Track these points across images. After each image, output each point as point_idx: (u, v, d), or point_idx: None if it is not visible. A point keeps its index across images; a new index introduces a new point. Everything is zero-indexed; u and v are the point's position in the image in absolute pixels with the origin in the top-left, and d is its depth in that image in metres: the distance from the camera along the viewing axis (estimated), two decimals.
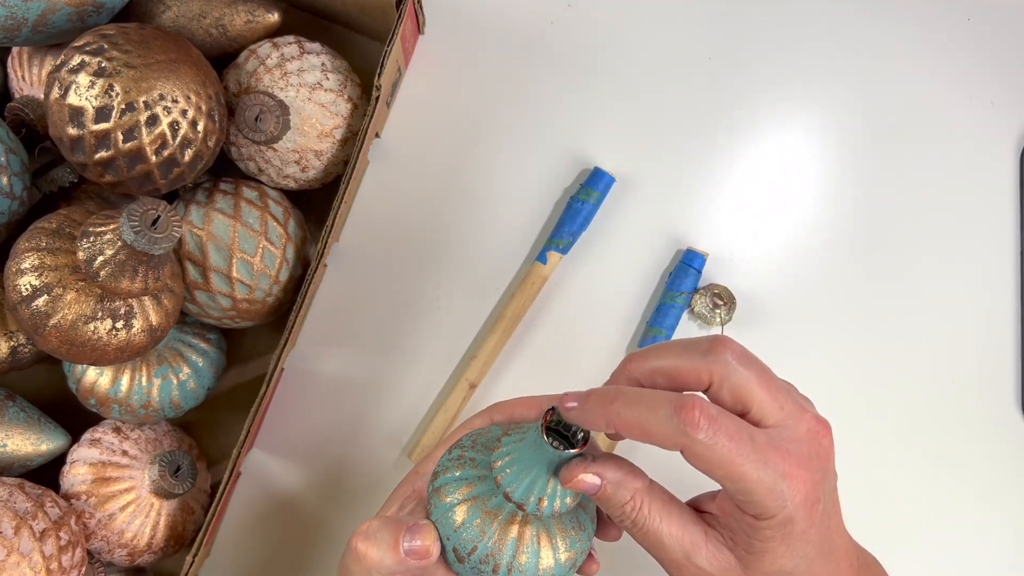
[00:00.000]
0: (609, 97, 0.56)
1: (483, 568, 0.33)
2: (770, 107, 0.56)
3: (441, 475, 0.35)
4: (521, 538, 0.33)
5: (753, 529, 0.34)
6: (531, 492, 0.33)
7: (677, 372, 0.34)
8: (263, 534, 0.52)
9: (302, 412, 0.53)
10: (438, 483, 0.35)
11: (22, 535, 0.41)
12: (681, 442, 0.32)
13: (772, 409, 0.34)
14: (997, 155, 0.56)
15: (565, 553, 0.34)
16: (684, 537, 0.35)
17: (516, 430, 0.35)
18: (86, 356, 0.42)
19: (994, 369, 0.54)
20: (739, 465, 0.32)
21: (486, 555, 0.33)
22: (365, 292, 0.54)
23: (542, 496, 0.33)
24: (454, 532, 0.34)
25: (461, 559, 0.34)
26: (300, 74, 0.48)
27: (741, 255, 0.55)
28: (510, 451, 0.34)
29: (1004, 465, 0.54)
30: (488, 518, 0.33)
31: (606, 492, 0.34)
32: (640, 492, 0.35)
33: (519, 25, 0.57)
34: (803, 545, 0.34)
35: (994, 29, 0.57)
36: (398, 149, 0.56)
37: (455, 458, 0.36)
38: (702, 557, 0.35)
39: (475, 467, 0.35)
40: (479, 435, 0.37)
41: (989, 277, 0.55)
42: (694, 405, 0.32)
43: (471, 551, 0.33)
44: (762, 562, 0.34)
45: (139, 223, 0.39)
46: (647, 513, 0.35)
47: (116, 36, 0.42)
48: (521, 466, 0.33)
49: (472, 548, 0.33)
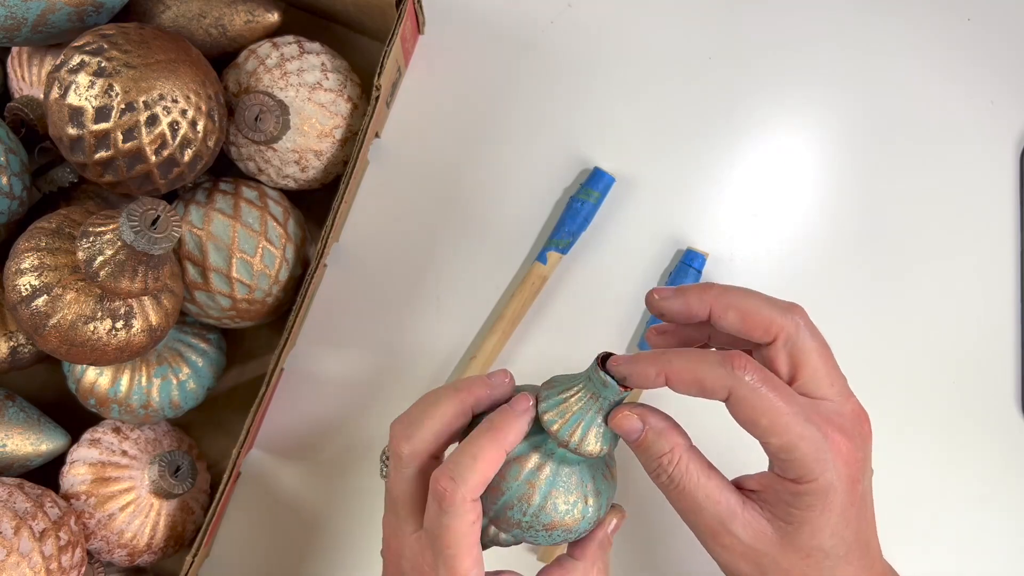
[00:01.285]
0: (609, 97, 0.56)
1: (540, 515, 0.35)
2: (770, 107, 0.56)
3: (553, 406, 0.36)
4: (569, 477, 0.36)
5: (793, 496, 0.33)
6: (586, 434, 0.34)
7: (752, 314, 0.34)
8: (263, 534, 0.52)
9: (302, 412, 0.53)
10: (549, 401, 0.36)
11: (22, 535, 0.41)
12: (729, 384, 0.33)
13: (824, 382, 0.35)
14: (997, 155, 0.56)
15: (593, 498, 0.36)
16: (721, 502, 0.34)
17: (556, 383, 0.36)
18: (86, 356, 0.42)
19: (994, 369, 0.54)
20: (783, 415, 0.32)
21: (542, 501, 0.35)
22: (365, 292, 0.54)
23: (584, 433, 0.34)
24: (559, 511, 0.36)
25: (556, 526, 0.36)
26: (300, 74, 0.48)
27: (741, 255, 0.55)
28: (559, 400, 0.35)
29: (1004, 465, 0.53)
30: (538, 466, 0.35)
31: (647, 439, 0.35)
32: (680, 448, 0.35)
33: (519, 25, 0.57)
34: (842, 525, 0.34)
35: (994, 29, 0.57)
36: (398, 149, 0.56)
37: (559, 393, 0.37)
38: (738, 524, 0.34)
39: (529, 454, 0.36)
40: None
41: (989, 277, 0.55)
42: (741, 355, 0.33)
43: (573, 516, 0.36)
44: (800, 534, 0.34)
45: (139, 223, 0.39)
46: (684, 470, 0.35)
47: (116, 36, 0.42)
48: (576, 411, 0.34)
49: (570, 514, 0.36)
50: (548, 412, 0.35)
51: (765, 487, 0.35)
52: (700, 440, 0.36)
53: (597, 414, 0.34)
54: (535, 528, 0.36)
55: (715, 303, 0.35)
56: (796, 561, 0.34)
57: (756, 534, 0.34)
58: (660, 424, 0.35)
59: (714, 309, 0.35)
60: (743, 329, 0.35)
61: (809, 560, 0.34)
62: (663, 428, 0.35)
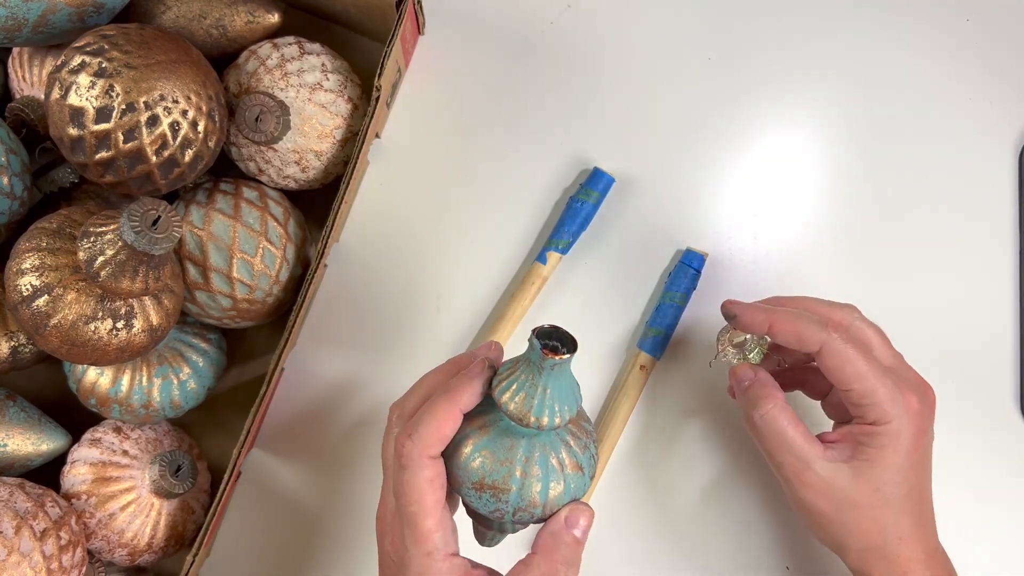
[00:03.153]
0: (609, 97, 0.56)
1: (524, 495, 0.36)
2: (770, 107, 0.56)
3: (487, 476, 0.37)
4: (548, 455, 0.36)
5: (869, 436, 0.41)
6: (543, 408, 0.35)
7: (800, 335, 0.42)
8: (263, 534, 0.53)
9: (302, 412, 0.53)
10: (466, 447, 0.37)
11: (22, 535, 0.41)
12: (822, 339, 0.41)
13: (887, 355, 0.43)
14: (997, 155, 0.56)
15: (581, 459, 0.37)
16: (807, 445, 0.42)
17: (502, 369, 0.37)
18: (86, 356, 0.42)
19: (994, 369, 0.54)
20: (866, 369, 0.41)
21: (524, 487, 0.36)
22: (365, 292, 0.54)
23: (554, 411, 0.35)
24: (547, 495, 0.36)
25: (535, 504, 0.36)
26: (300, 74, 0.48)
27: (740, 255, 0.55)
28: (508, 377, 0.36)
29: (1003, 465, 0.54)
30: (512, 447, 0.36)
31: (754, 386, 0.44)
32: (779, 398, 0.43)
33: (519, 25, 0.57)
34: (906, 468, 0.41)
35: (994, 29, 0.57)
36: (398, 149, 0.56)
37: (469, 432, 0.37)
38: (819, 463, 0.42)
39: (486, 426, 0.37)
40: None
41: (988, 277, 0.55)
42: (836, 317, 0.42)
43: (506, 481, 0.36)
44: (873, 469, 0.41)
45: (139, 223, 0.39)
46: (775, 414, 0.43)
47: (116, 36, 0.42)
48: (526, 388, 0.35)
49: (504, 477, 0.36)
50: (511, 404, 0.35)
51: (843, 436, 0.43)
52: None
53: (538, 386, 0.35)
54: (467, 486, 0.36)
55: (775, 321, 0.43)
56: (867, 494, 0.41)
57: (835, 471, 0.42)
58: (766, 377, 0.44)
59: (774, 327, 0.43)
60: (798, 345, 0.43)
61: (877, 495, 0.41)
62: (768, 380, 0.44)
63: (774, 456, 0.43)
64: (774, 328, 0.42)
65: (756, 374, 0.44)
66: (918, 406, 0.42)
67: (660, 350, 0.53)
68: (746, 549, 0.52)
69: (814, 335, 0.41)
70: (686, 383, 0.54)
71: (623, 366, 0.54)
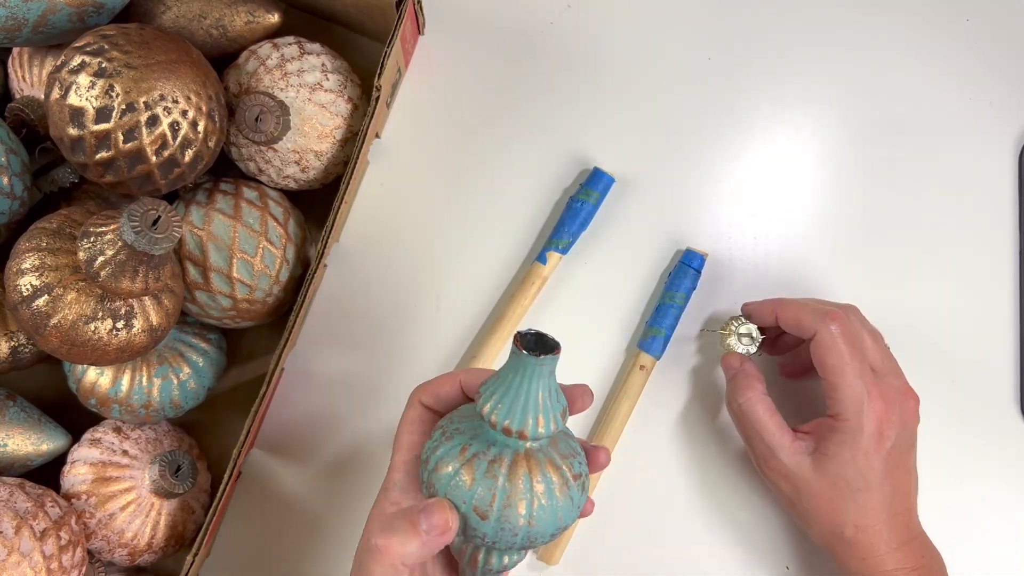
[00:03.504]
0: (609, 97, 0.56)
1: (508, 512, 0.34)
2: (769, 107, 0.56)
3: (431, 456, 0.36)
4: (531, 471, 0.34)
5: (831, 431, 0.45)
6: (527, 415, 0.34)
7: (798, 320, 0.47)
8: (263, 534, 0.53)
9: (302, 412, 0.53)
10: (432, 463, 0.35)
11: (22, 535, 0.41)
12: (817, 328, 0.45)
13: (877, 358, 0.47)
14: (996, 155, 0.56)
15: (571, 472, 0.35)
16: (777, 433, 0.46)
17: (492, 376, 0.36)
18: (86, 356, 0.42)
19: (993, 369, 0.54)
20: (845, 362, 0.45)
21: (507, 499, 0.34)
22: (365, 292, 0.54)
23: (538, 415, 0.34)
24: (468, 493, 0.34)
25: (485, 515, 0.34)
26: (300, 75, 0.48)
27: (740, 255, 0.55)
28: (494, 389, 0.34)
29: (1003, 465, 0.54)
30: (494, 466, 0.34)
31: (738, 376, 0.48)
32: (758, 390, 0.48)
33: (519, 25, 0.57)
34: (865, 465, 0.44)
35: (994, 29, 0.57)
36: (398, 149, 0.56)
37: (438, 437, 0.36)
38: (785, 453, 0.46)
39: (461, 433, 0.35)
40: (452, 416, 0.37)
41: (988, 277, 0.55)
42: (838, 313, 0.46)
43: (491, 502, 0.34)
44: (830, 463, 0.45)
45: (139, 223, 0.39)
46: (753, 404, 0.47)
47: (116, 36, 0.42)
48: (509, 394, 0.34)
49: (491, 499, 0.34)
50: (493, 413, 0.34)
51: (813, 428, 0.47)
52: None
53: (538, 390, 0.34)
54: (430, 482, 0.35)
55: (780, 311, 0.47)
56: (825, 486, 0.45)
57: (798, 461, 0.46)
58: (751, 368, 0.49)
59: (779, 315, 0.47)
60: (797, 331, 0.47)
61: (833, 488, 0.45)
62: (752, 371, 0.49)
63: (748, 440, 0.48)
64: (779, 315, 0.47)
65: (742, 364, 0.49)
66: (883, 411, 0.45)
67: (660, 350, 0.53)
68: (746, 549, 0.52)
69: (811, 323, 0.45)
70: (686, 383, 0.54)
71: (623, 366, 0.54)
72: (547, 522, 0.34)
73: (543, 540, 0.35)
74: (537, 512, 0.34)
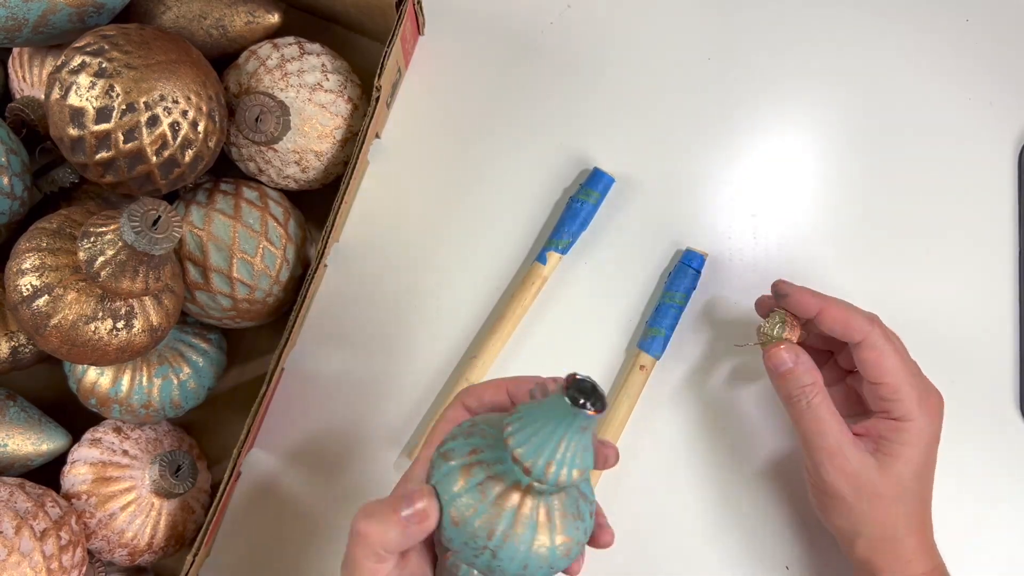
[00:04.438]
0: (609, 97, 0.56)
1: (477, 533, 0.32)
2: (769, 107, 0.56)
3: (449, 440, 0.35)
4: (520, 508, 0.32)
5: (894, 432, 0.44)
6: (540, 453, 0.31)
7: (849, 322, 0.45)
8: (263, 534, 0.53)
9: (302, 412, 0.53)
10: (444, 447, 0.34)
11: (23, 535, 0.41)
12: (868, 331, 0.44)
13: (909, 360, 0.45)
14: (996, 155, 0.56)
15: (560, 536, 0.33)
16: (842, 430, 0.44)
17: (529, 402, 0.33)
18: (87, 356, 0.42)
19: (993, 370, 0.54)
20: (902, 366, 0.44)
21: (483, 520, 0.32)
22: (365, 292, 0.54)
23: (551, 460, 0.31)
24: (453, 493, 0.33)
25: (456, 522, 0.33)
26: (300, 75, 0.48)
27: (740, 255, 0.55)
28: (523, 413, 0.32)
29: (1003, 465, 0.54)
30: (491, 483, 0.32)
31: (796, 371, 0.45)
32: (820, 382, 0.45)
33: (519, 25, 0.57)
34: (923, 465, 0.44)
35: (994, 29, 0.57)
36: (398, 149, 0.56)
37: (465, 427, 0.35)
38: (852, 450, 0.44)
39: (484, 436, 0.34)
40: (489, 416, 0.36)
41: (988, 277, 0.55)
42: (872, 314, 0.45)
43: (468, 514, 0.32)
44: (896, 463, 0.44)
45: (140, 223, 0.39)
46: (822, 399, 0.45)
47: (116, 37, 0.42)
48: (534, 426, 0.31)
49: (470, 511, 0.32)
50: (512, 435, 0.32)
51: (868, 430, 0.45)
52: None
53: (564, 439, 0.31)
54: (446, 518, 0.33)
55: (825, 308, 0.45)
56: (890, 486, 0.44)
57: (863, 460, 0.44)
58: (808, 361, 0.45)
59: (824, 313, 0.45)
60: (843, 333, 0.45)
61: (898, 488, 0.44)
62: (811, 364, 0.45)
63: (809, 438, 0.45)
64: (824, 313, 0.44)
65: (798, 356, 0.45)
66: (936, 409, 0.45)
67: (660, 350, 0.53)
68: (746, 548, 0.52)
69: (861, 325, 0.44)
70: (686, 383, 0.54)
71: (623, 366, 0.54)
72: (511, 563, 0.32)
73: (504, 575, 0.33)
74: (505, 549, 0.32)
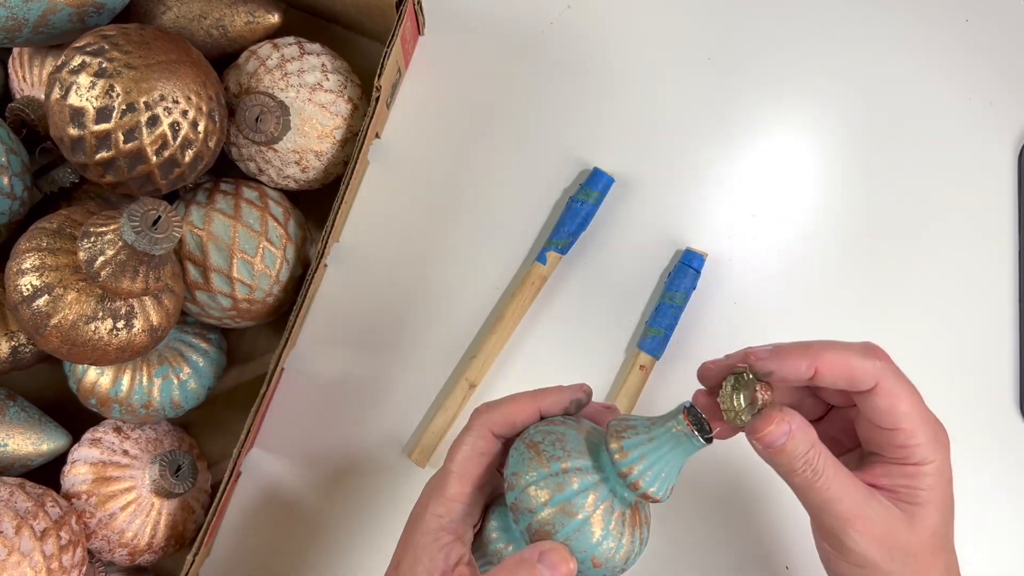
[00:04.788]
0: (608, 97, 0.56)
1: (616, 563, 0.34)
2: (769, 107, 0.57)
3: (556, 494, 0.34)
4: (639, 523, 0.35)
5: (915, 478, 0.36)
6: (667, 484, 0.34)
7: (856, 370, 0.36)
8: (263, 534, 0.53)
9: (302, 412, 0.53)
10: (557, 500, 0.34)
11: (23, 535, 0.41)
12: (877, 375, 0.36)
13: None
14: (996, 155, 0.56)
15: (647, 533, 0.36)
16: (856, 488, 0.36)
17: (632, 429, 0.34)
18: (87, 356, 0.42)
19: (993, 369, 0.54)
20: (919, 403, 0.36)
21: (622, 553, 0.34)
22: (365, 292, 0.54)
23: (670, 485, 0.34)
24: (593, 544, 0.34)
25: (599, 564, 0.34)
26: (300, 75, 0.48)
27: (740, 255, 0.55)
28: (643, 453, 0.34)
29: (1003, 465, 0.54)
30: (619, 520, 0.34)
31: (794, 439, 0.36)
32: (818, 443, 0.36)
33: (519, 26, 0.57)
34: (949, 510, 0.37)
35: (994, 29, 0.57)
36: (398, 149, 0.56)
37: (557, 472, 0.34)
38: (875, 509, 0.36)
39: (584, 473, 0.34)
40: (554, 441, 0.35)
41: (988, 277, 0.55)
42: (878, 347, 0.37)
43: (611, 554, 0.34)
44: (925, 513, 0.36)
45: (140, 223, 0.39)
46: (823, 464, 0.36)
47: (117, 37, 0.42)
48: (662, 464, 0.34)
49: (611, 551, 0.34)
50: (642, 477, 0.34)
51: (882, 480, 0.37)
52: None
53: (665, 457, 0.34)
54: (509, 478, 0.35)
55: (821, 364, 0.36)
56: (924, 540, 0.36)
57: (889, 518, 0.36)
58: (800, 421, 0.36)
59: (821, 369, 0.36)
60: (849, 384, 0.36)
61: (934, 539, 0.37)
62: (803, 424, 0.36)
63: (825, 507, 0.37)
64: (822, 371, 0.36)
65: (791, 424, 0.36)
66: (947, 442, 0.38)
67: (660, 350, 0.53)
68: (745, 549, 0.52)
69: (868, 369, 0.36)
70: (686, 383, 0.54)
71: (623, 366, 0.54)
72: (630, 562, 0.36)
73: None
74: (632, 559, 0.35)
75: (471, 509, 0.36)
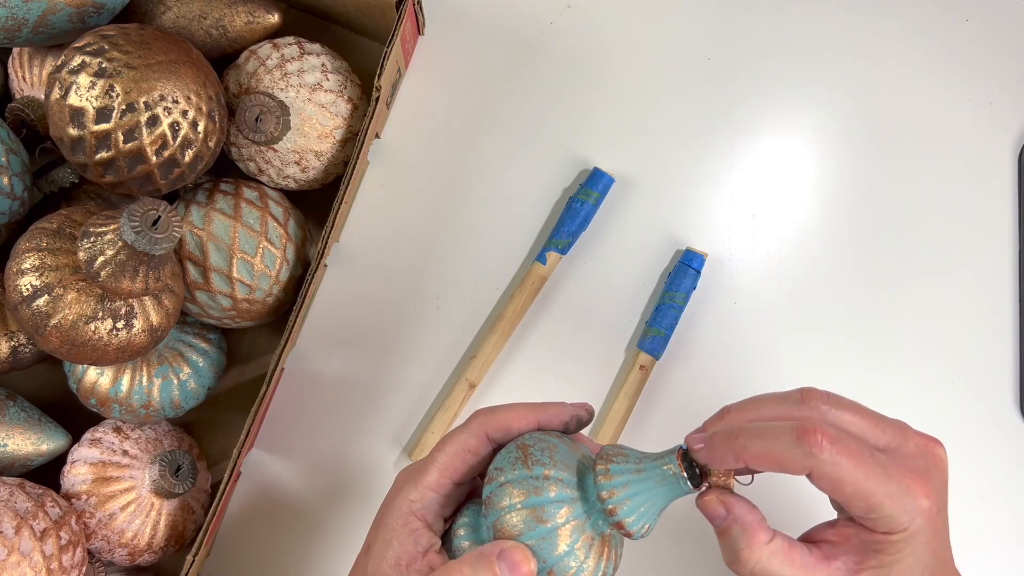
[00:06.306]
0: (608, 97, 0.56)
1: None
2: (769, 108, 0.57)
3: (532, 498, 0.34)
4: (606, 556, 0.35)
5: (884, 545, 0.34)
6: (646, 522, 0.34)
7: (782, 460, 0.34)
8: (263, 534, 0.53)
9: (302, 412, 0.53)
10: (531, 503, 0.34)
11: (22, 535, 0.41)
12: (808, 464, 0.33)
13: (876, 434, 0.35)
14: (995, 156, 0.56)
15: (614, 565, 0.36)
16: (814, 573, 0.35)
17: (624, 456, 0.34)
18: (87, 356, 0.42)
19: (993, 370, 0.54)
20: (865, 481, 0.33)
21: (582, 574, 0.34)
22: (365, 292, 0.54)
23: (649, 523, 0.34)
24: (555, 557, 0.33)
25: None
26: (300, 75, 0.48)
27: (740, 255, 0.55)
28: (627, 481, 0.34)
29: (1003, 465, 0.54)
30: (586, 542, 0.34)
31: (730, 529, 0.35)
32: (760, 543, 0.34)
33: (519, 26, 0.57)
34: (927, 555, 0.35)
35: (993, 30, 0.57)
36: (398, 149, 0.56)
37: (538, 476, 0.34)
38: None
39: (565, 486, 0.34)
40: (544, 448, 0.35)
41: (988, 278, 0.55)
42: (815, 429, 0.33)
43: (570, 572, 0.34)
44: (903, 568, 0.34)
45: (140, 223, 0.39)
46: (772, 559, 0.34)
47: (116, 37, 0.42)
48: (644, 498, 0.34)
49: (571, 571, 0.34)
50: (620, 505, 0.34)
51: (846, 538, 0.35)
52: None
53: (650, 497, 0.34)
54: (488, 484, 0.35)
55: (747, 458, 0.34)
56: None
57: None
58: (745, 517, 0.35)
59: (749, 462, 0.34)
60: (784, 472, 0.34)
61: None
62: (745, 515, 0.35)
63: None
64: (749, 462, 0.34)
65: (729, 511, 0.35)
66: (928, 490, 0.35)
67: (660, 350, 0.53)
68: None
69: (796, 460, 0.33)
70: (686, 383, 0.54)
71: (623, 366, 0.54)
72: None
73: None
74: None
75: (446, 501, 0.37)
